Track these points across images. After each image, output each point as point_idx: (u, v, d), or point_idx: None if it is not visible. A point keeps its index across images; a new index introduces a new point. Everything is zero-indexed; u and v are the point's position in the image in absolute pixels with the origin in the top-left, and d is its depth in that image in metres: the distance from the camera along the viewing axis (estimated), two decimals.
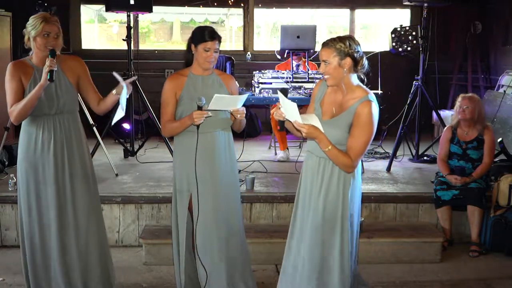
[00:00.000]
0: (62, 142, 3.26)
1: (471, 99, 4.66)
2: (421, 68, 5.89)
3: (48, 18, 3.16)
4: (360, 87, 2.86)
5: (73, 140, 3.31)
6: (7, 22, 6.21)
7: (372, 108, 2.77)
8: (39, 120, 3.23)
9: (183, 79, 3.38)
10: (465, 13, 7.97)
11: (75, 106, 3.35)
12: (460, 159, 4.68)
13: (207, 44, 3.27)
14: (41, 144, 3.23)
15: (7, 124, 5.45)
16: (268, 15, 9.02)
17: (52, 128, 3.24)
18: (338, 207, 2.85)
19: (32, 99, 3.10)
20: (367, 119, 2.76)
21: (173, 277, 4.06)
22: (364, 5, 8.58)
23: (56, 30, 3.18)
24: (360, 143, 2.78)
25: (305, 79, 5.69)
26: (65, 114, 3.28)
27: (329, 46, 2.77)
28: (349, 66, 2.79)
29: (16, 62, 3.25)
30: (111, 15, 8.74)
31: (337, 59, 2.77)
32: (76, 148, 3.32)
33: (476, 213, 4.49)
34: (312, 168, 2.93)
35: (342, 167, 2.79)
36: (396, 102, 6.60)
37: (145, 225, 4.62)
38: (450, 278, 4.10)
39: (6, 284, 3.91)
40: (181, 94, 3.34)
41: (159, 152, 6.36)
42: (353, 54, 2.77)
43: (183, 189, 3.38)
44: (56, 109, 3.24)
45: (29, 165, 3.25)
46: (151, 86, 7.71)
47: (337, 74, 2.79)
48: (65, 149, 3.27)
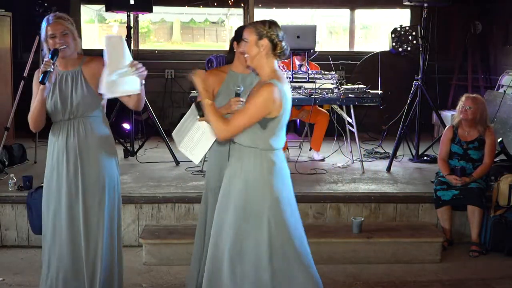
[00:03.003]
0: (75, 148, 3.10)
1: (474, 100, 4.65)
2: (421, 68, 5.89)
3: (52, 20, 3.06)
4: (275, 73, 2.84)
5: (89, 146, 3.12)
6: (7, 22, 6.21)
7: (267, 89, 2.71)
8: (57, 126, 3.13)
9: (223, 75, 3.39)
10: (465, 13, 7.97)
11: (93, 110, 3.13)
12: (460, 159, 4.68)
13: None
14: (57, 151, 3.12)
15: (7, 124, 5.46)
16: (268, 15, 9.01)
17: (66, 134, 3.11)
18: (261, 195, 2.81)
19: (36, 104, 3.00)
20: (257, 96, 2.73)
21: (173, 277, 4.06)
22: (364, 5, 8.57)
23: (61, 28, 3.04)
24: (241, 113, 2.75)
25: (305, 79, 5.69)
26: (81, 118, 3.11)
27: (250, 27, 2.83)
28: (267, 48, 2.80)
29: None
30: (111, 15, 8.75)
31: (255, 39, 2.79)
32: (93, 155, 3.12)
33: (476, 213, 4.49)
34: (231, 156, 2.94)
35: (215, 130, 2.76)
36: (396, 102, 6.60)
37: (145, 225, 4.62)
38: (450, 278, 4.10)
39: (6, 284, 3.91)
40: (219, 90, 3.37)
41: (159, 152, 6.36)
42: (271, 37, 2.80)
43: (212, 186, 3.40)
44: (69, 114, 3.09)
45: (49, 172, 3.16)
46: (151, 86, 7.70)
47: (254, 54, 2.80)
48: (78, 155, 3.10)
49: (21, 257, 4.41)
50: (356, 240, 4.36)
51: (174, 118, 8.10)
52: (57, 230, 3.14)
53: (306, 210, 4.67)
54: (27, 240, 4.63)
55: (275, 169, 2.81)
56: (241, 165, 2.82)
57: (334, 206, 4.71)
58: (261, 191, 2.79)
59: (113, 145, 3.27)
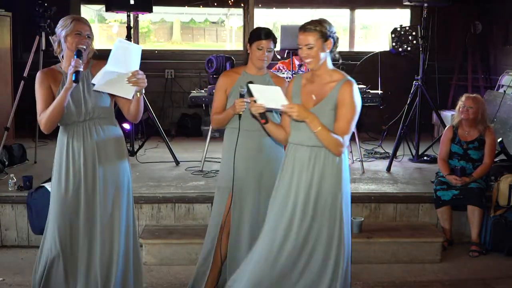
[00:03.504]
0: (93, 149, 3.07)
1: (475, 100, 4.65)
2: (421, 68, 5.89)
3: (80, 18, 3.08)
4: (336, 71, 2.91)
5: (107, 147, 3.12)
6: (7, 22, 6.22)
7: (354, 87, 2.84)
8: (69, 128, 3.09)
9: (236, 76, 3.45)
10: (465, 13, 7.97)
11: (108, 112, 3.13)
12: (460, 159, 4.68)
13: (261, 43, 3.33)
14: (72, 153, 3.08)
15: (7, 124, 5.46)
16: (268, 15, 9.02)
17: (82, 136, 3.07)
18: (335, 195, 2.86)
19: (59, 104, 2.95)
20: (351, 98, 2.81)
21: (173, 277, 4.06)
22: (364, 5, 8.57)
23: (88, 30, 3.05)
24: (347, 122, 2.82)
25: None
26: (96, 120, 3.09)
27: (311, 30, 2.82)
28: (330, 48, 2.86)
29: (44, 69, 3.12)
30: (111, 15, 8.75)
31: (321, 42, 2.82)
32: (110, 157, 3.12)
33: (476, 213, 4.49)
34: (302, 160, 2.90)
35: (333, 147, 2.80)
36: (396, 102, 6.60)
37: (145, 225, 4.62)
38: (450, 278, 4.10)
39: (6, 284, 3.91)
40: (231, 91, 3.41)
41: (159, 152, 6.36)
42: (334, 35, 2.86)
43: (223, 185, 3.46)
44: (85, 116, 3.06)
45: (62, 173, 3.11)
46: (151, 86, 7.65)
47: (320, 57, 2.84)
48: (96, 157, 3.08)
49: (21, 257, 4.41)
50: (356, 240, 4.35)
51: (174, 118, 8.11)
52: (73, 231, 3.10)
53: None
54: (27, 240, 4.63)
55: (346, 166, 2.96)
56: (318, 166, 2.86)
57: None
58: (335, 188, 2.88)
59: (125, 146, 3.28)
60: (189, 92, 6.55)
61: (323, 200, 2.86)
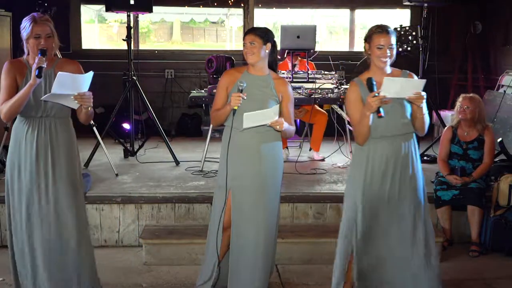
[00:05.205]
0: (46, 145, 3.20)
1: (472, 100, 4.65)
2: (421, 68, 5.89)
3: (38, 19, 3.11)
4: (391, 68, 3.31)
5: (59, 144, 3.24)
6: (7, 22, 6.21)
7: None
8: (25, 121, 3.21)
9: (238, 75, 3.48)
10: (465, 13, 7.96)
11: (65, 112, 3.26)
12: (460, 159, 4.68)
13: (244, 39, 3.46)
14: (25, 145, 3.20)
15: (8, 124, 5.45)
16: (268, 15, 9.02)
17: (36, 130, 3.19)
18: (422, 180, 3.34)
19: (21, 98, 3.06)
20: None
21: (173, 277, 4.06)
22: (364, 5, 8.57)
23: (48, 30, 3.11)
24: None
25: (305, 79, 5.68)
26: (52, 118, 3.22)
27: (391, 33, 3.15)
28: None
29: (13, 60, 3.25)
30: (111, 15, 8.74)
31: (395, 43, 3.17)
32: (63, 153, 3.25)
33: (476, 213, 4.49)
34: (396, 151, 3.25)
35: (426, 126, 3.32)
36: None
37: (145, 225, 4.62)
38: (450, 278, 4.10)
39: (6, 284, 3.90)
40: (232, 89, 3.45)
41: (159, 152, 6.36)
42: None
43: (219, 183, 3.50)
44: (42, 112, 3.19)
45: (14, 165, 3.23)
46: (151, 86, 7.72)
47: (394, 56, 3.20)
48: (49, 153, 3.21)
49: None
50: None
51: (174, 118, 8.11)
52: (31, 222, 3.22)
53: (306, 210, 4.67)
54: None
55: None
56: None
57: (334, 206, 4.71)
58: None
59: (77, 147, 3.40)
60: (189, 92, 6.55)
61: (421, 190, 3.43)
